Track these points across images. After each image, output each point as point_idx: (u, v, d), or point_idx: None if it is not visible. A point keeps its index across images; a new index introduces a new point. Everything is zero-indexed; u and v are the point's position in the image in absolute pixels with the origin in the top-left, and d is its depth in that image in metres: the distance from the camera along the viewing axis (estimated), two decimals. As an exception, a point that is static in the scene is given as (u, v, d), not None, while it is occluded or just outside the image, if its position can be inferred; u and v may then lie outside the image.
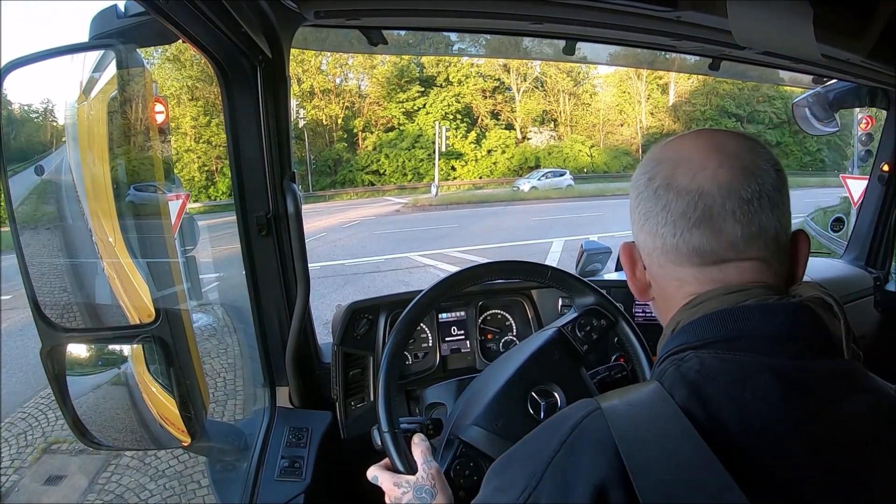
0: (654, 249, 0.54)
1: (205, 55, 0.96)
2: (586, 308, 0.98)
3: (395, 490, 0.77)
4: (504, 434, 0.83)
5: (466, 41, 1.45)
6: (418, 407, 1.22)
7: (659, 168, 0.54)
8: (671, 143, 0.56)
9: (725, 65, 1.24)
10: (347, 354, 1.23)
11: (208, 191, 21.94)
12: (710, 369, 0.46)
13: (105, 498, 0.92)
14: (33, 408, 3.81)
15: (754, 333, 0.48)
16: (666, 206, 0.51)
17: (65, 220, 0.86)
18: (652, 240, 0.54)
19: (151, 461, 2.14)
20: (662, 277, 0.56)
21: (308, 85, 24.22)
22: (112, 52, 0.76)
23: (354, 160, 25.13)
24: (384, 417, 0.83)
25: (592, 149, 26.22)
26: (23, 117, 0.88)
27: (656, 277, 0.57)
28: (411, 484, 0.77)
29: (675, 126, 26.52)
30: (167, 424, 0.91)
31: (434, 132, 22.57)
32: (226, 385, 1.17)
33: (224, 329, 1.17)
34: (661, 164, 0.54)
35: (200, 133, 21.69)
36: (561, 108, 26.89)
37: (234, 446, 1.10)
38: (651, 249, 0.55)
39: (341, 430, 1.21)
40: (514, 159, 25.34)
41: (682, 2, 0.88)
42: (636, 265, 0.59)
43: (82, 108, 0.83)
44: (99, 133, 0.80)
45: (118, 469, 1.35)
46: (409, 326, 0.91)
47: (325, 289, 6.88)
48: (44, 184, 0.86)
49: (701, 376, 0.46)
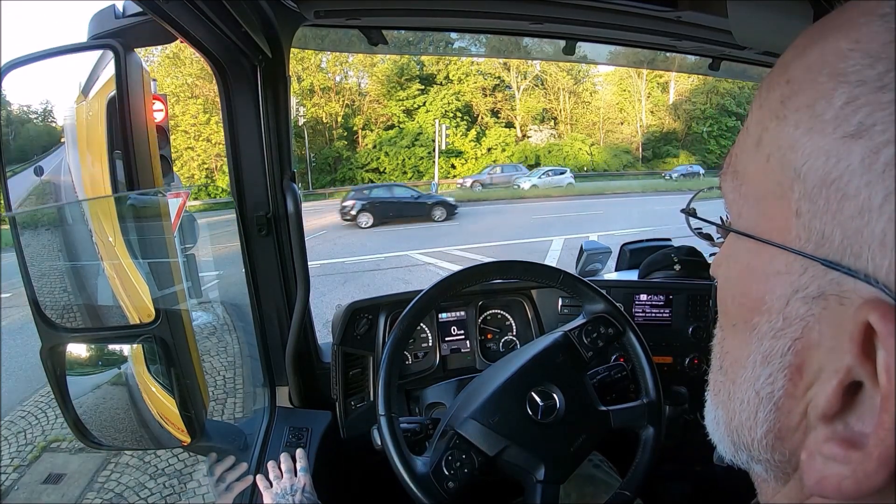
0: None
1: (204, 55, 0.96)
2: (595, 315, 0.98)
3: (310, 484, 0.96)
4: (499, 430, 0.83)
5: (467, 40, 1.45)
6: (418, 407, 1.22)
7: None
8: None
9: (725, 65, 1.24)
10: (347, 354, 1.23)
11: (208, 188, 21.93)
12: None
13: (105, 496, 0.92)
14: (33, 406, 3.81)
15: None
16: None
17: (64, 221, 0.86)
18: None
19: (151, 460, 2.14)
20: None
21: (308, 83, 24.18)
22: (110, 52, 0.75)
23: (354, 158, 25.12)
24: (382, 404, 0.84)
25: (592, 147, 26.21)
26: (22, 117, 0.88)
27: None
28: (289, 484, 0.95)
29: (676, 124, 26.52)
30: (167, 424, 0.91)
31: (434, 130, 22.55)
32: (226, 384, 1.17)
33: (224, 327, 1.17)
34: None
35: (200, 131, 21.67)
36: (561, 106, 26.86)
37: (234, 446, 1.10)
38: None
39: (341, 430, 1.21)
40: (514, 157, 25.30)
41: (682, 2, 0.88)
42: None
43: (81, 108, 0.83)
44: (98, 133, 0.80)
45: (118, 468, 1.35)
46: (424, 309, 0.93)
47: (325, 287, 6.88)
48: (43, 184, 0.86)
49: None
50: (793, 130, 0.25)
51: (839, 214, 0.23)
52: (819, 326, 0.24)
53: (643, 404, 0.93)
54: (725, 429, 0.31)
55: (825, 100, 0.24)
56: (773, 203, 0.26)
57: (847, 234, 0.22)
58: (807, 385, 0.25)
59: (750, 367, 0.28)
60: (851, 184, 0.22)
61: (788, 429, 0.26)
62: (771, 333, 0.26)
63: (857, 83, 0.23)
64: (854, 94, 0.23)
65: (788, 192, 0.25)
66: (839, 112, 0.23)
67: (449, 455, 0.82)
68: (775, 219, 0.26)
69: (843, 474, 0.23)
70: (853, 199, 0.22)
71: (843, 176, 0.23)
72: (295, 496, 0.94)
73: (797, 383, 0.25)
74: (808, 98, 0.25)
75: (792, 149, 0.25)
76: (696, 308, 1.37)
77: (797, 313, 0.25)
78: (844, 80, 0.23)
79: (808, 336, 0.25)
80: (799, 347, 0.25)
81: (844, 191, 0.22)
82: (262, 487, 0.97)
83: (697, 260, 1.48)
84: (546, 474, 0.82)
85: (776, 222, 0.26)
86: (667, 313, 1.37)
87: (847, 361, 0.23)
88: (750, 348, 0.28)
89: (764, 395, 0.27)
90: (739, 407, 0.29)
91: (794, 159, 0.25)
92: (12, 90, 0.81)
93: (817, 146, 0.24)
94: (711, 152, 26.00)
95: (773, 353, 0.26)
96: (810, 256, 0.24)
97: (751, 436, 0.28)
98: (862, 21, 0.24)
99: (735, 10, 0.81)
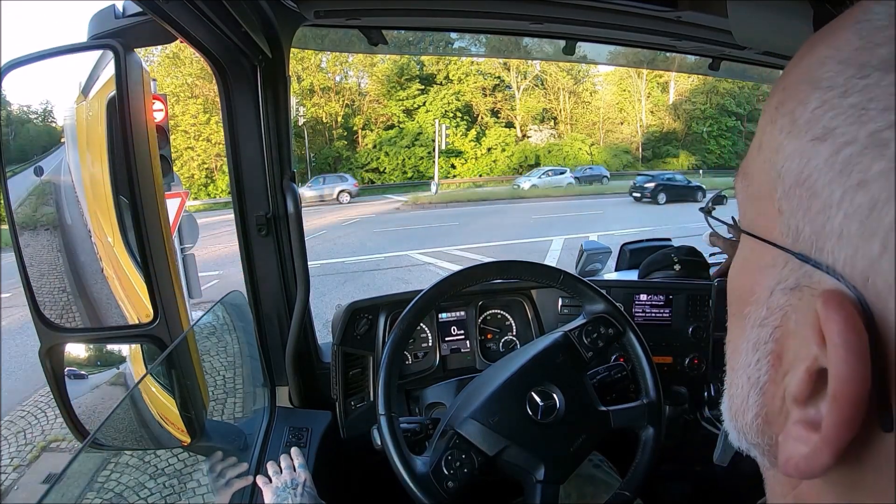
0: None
1: (204, 55, 0.96)
2: (595, 315, 0.98)
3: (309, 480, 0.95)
4: (499, 430, 0.83)
5: (467, 40, 1.45)
6: (418, 407, 1.22)
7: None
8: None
9: (725, 65, 1.24)
10: (347, 354, 1.23)
11: (208, 188, 21.95)
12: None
13: (105, 497, 0.92)
14: (33, 406, 3.81)
15: None
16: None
17: (64, 221, 0.86)
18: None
19: (151, 460, 2.13)
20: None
21: (308, 83, 24.20)
22: (110, 52, 0.75)
23: (354, 158, 25.13)
24: (382, 404, 0.84)
25: (592, 147, 26.22)
26: (22, 117, 0.88)
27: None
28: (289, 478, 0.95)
29: (676, 124, 26.52)
30: (167, 424, 0.91)
31: (434, 130, 22.55)
32: (225, 384, 1.17)
33: (224, 327, 1.16)
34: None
35: (200, 131, 21.68)
36: (561, 106, 26.87)
37: (234, 446, 1.10)
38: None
39: (341, 430, 1.21)
40: (514, 157, 25.34)
41: (682, 2, 0.88)
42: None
43: (81, 108, 0.83)
44: (98, 133, 0.80)
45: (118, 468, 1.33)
46: (424, 309, 0.92)
47: (325, 287, 6.88)
48: (43, 185, 0.86)
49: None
50: (778, 134, 0.27)
51: (809, 211, 0.24)
52: (795, 316, 0.26)
53: (643, 404, 0.93)
54: (729, 414, 0.32)
55: (802, 105, 0.26)
56: (765, 202, 0.28)
57: (815, 229, 0.24)
58: (784, 371, 0.27)
59: (743, 354, 0.30)
60: (818, 182, 0.24)
61: (773, 413, 0.28)
62: (758, 322, 0.28)
63: (827, 88, 0.25)
64: (823, 99, 0.25)
65: (773, 192, 0.27)
66: (811, 116, 0.25)
67: (449, 455, 0.82)
68: (766, 217, 0.28)
69: (801, 453, 0.25)
70: (819, 197, 0.24)
71: (811, 175, 0.24)
72: (296, 490, 0.94)
73: (778, 369, 0.27)
74: (792, 104, 0.26)
75: (777, 151, 0.27)
76: (696, 308, 1.37)
77: (778, 303, 0.27)
78: (818, 86, 0.25)
79: (785, 325, 0.26)
80: (778, 335, 0.27)
81: (813, 189, 0.24)
82: (262, 484, 0.97)
83: (697, 260, 1.48)
84: (546, 474, 0.82)
85: (766, 220, 0.28)
86: (667, 313, 1.37)
87: (813, 349, 0.24)
88: (743, 336, 0.30)
89: (753, 380, 0.29)
90: (736, 392, 0.31)
91: (777, 161, 0.27)
92: (12, 90, 0.81)
93: (794, 148, 0.25)
94: (711, 152, 26.03)
95: (759, 341, 0.28)
96: (787, 251, 0.26)
97: (744, 420, 0.30)
98: (841, 28, 0.26)
99: (735, 10, 0.81)
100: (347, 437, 1.21)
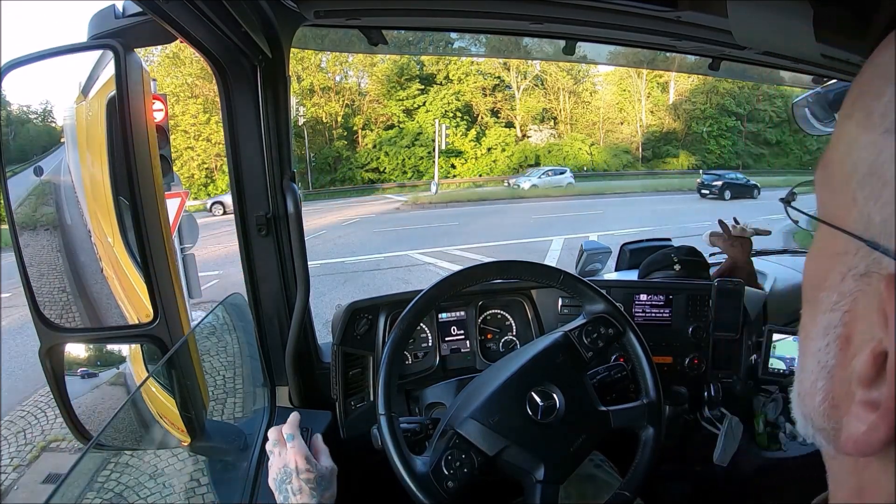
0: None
1: (203, 55, 0.96)
2: (595, 315, 0.98)
3: (302, 462, 0.83)
4: (499, 430, 0.83)
5: (467, 40, 1.45)
6: (418, 407, 1.22)
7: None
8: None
9: (725, 65, 1.23)
10: (347, 354, 1.23)
11: (208, 188, 21.94)
12: None
13: (105, 496, 0.92)
14: (33, 406, 3.81)
15: None
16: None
17: (64, 221, 0.86)
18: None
19: (151, 460, 2.13)
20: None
21: (308, 83, 24.20)
22: (110, 52, 0.75)
23: (354, 158, 25.13)
24: (382, 404, 0.84)
25: (592, 147, 26.22)
26: (22, 117, 0.88)
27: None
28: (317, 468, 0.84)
29: (676, 124, 26.52)
30: (167, 424, 0.91)
31: (434, 130, 22.55)
32: (225, 384, 1.17)
33: (224, 327, 1.16)
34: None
35: (200, 130, 21.69)
36: (561, 106, 26.87)
37: (234, 446, 1.10)
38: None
39: (341, 430, 1.21)
40: (514, 157, 25.33)
41: (682, 2, 0.88)
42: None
43: (81, 108, 0.83)
44: (97, 133, 0.80)
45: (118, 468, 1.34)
46: (424, 309, 0.92)
47: (325, 287, 6.89)
48: (43, 185, 0.86)
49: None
50: (854, 127, 0.28)
51: (879, 200, 0.26)
52: (864, 300, 0.27)
53: (643, 404, 0.93)
54: (798, 399, 0.33)
55: (877, 100, 0.27)
56: (841, 193, 0.29)
57: (884, 217, 0.25)
58: (852, 355, 0.28)
59: (813, 339, 0.31)
60: (888, 173, 0.25)
61: (839, 397, 0.29)
62: (829, 307, 0.29)
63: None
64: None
65: (849, 183, 0.28)
66: (884, 110, 0.26)
67: (449, 455, 0.82)
68: (842, 206, 0.29)
69: (860, 430, 0.26)
70: (889, 186, 0.25)
71: (883, 165, 0.26)
72: (291, 485, 0.83)
73: (846, 353, 0.28)
74: (867, 99, 0.28)
75: (852, 144, 0.28)
76: (696, 308, 1.37)
77: (849, 289, 0.28)
78: (892, 81, 0.26)
79: (854, 309, 0.28)
80: (847, 319, 0.28)
81: (884, 179, 0.25)
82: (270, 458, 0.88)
83: (697, 260, 1.48)
84: (546, 474, 0.82)
85: (841, 209, 0.29)
86: (667, 313, 1.37)
87: (877, 332, 0.25)
88: (815, 321, 0.31)
89: (822, 364, 0.30)
90: (806, 376, 0.32)
91: (852, 153, 0.28)
92: (12, 90, 0.80)
93: (868, 140, 0.27)
94: (711, 152, 26.01)
95: (829, 325, 0.29)
96: (859, 238, 0.27)
97: (812, 403, 0.31)
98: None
99: (735, 10, 0.81)
100: (347, 437, 1.21)
